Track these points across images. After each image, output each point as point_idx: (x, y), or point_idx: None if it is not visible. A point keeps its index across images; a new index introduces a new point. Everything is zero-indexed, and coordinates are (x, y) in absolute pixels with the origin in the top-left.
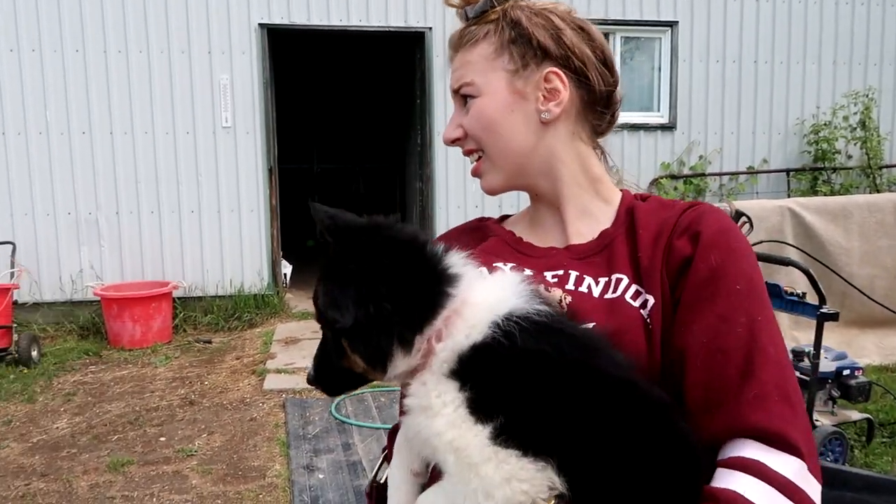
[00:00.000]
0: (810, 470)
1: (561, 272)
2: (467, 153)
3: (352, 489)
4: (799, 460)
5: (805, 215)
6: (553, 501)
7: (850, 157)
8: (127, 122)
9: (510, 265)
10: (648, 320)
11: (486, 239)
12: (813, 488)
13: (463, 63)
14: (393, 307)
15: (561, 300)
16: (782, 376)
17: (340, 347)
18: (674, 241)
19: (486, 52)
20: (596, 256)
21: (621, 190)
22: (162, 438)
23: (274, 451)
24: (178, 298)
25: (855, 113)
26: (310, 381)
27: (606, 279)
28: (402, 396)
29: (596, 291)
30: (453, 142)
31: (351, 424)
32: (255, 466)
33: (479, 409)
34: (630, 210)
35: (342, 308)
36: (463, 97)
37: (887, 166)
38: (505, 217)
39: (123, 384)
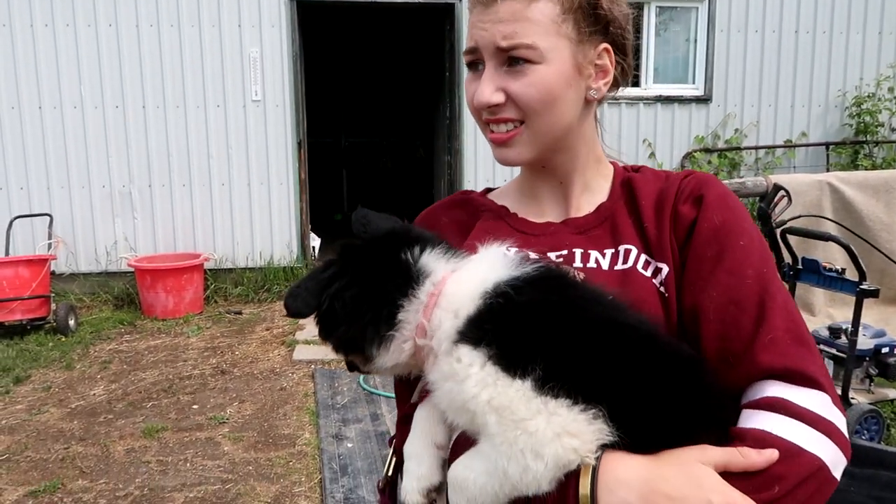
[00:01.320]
0: (833, 402)
1: (565, 252)
2: (498, 121)
3: (380, 458)
4: (822, 393)
5: (845, 190)
6: (599, 452)
7: (893, 129)
8: (159, 95)
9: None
10: (663, 289)
11: (476, 214)
12: (838, 418)
13: (518, 17)
14: (353, 307)
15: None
16: (793, 321)
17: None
18: (679, 207)
19: (550, 12)
20: (597, 229)
21: (611, 163)
22: (195, 406)
23: (303, 420)
24: (209, 270)
25: None
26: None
27: (613, 250)
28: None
29: (605, 264)
30: (489, 107)
31: (379, 395)
32: (285, 434)
33: (510, 362)
34: (625, 182)
35: (296, 297)
36: (510, 58)
37: None
38: (488, 190)
39: (157, 353)
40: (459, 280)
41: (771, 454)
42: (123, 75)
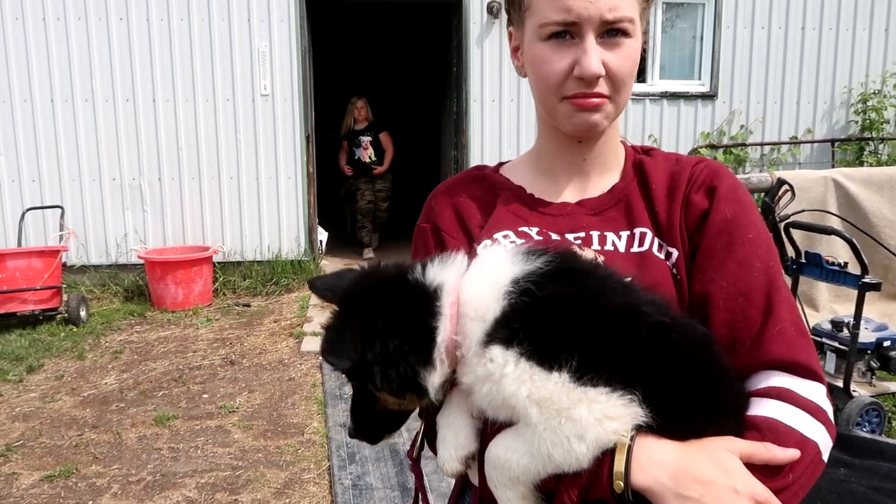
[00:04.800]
0: (826, 392)
1: (583, 234)
2: (594, 98)
3: (388, 447)
4: (820, 385)
5: (849, 186)
6: (633, 432)
7: None
8: (169, 89)
9: (531, 229)
10: (675, 271)
11: (494, 191)
12: (830, 408)
13: None
14: (398, 340)
15: (595, 259)
16: (795, 312)
17: (369, 393)
18: (691, 195)
19: None
20: (611, 210)
21: (621, 142)
22: (205, 395)
23: (312, 410)
24: (218, 263)
25: None
26: (351, 435)
27: (628, 233)
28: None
29: (621, 246)
30: (597, 79)
31: None
32: (293, 423)
33: (544, 356)
34: (637, 164)
35: (338, 353)
36: (610, 31)
37: None
38: (501, 164)
39: (167, 344)
40: (473, 283)
41: (793, 454)
42: (134, 69)
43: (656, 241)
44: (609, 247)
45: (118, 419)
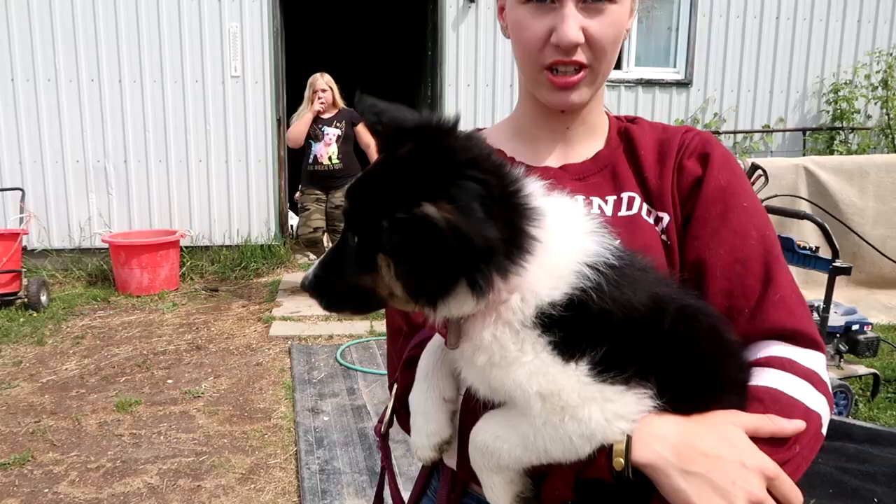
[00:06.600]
0: (826, 362)
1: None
2: (571, 64)
3: (356, 431)
4: (821, 354)
5: (820, 174)
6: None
7: (869, 116)
8: (136, 69)
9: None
10: (664, 237)
11: None
12: (828, 378)
13: None
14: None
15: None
16: (793, 280)
17: (371, 262)
18: (683, 161)
19: None
20: (595, 176)
21: (605, 112)
22: (169, 381)
23: (279, 395)
24: (186, 247)
25: (877, 72)
26: (304, 287)
27: (615, 197)
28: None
29: (608, 210)
30: (573, 47)
31: (356, 370)
32: (260, 408)
33: (567, 348)
34: (622, 132)
35: (485, 225)
36: None
37: None
38: (478, 130)
39: (131, 329)
40: (558, 232)
41: (799, 425)
42: (99, 48)
43: (645, 205)
44: (595, 211)
45: (78, 405)
